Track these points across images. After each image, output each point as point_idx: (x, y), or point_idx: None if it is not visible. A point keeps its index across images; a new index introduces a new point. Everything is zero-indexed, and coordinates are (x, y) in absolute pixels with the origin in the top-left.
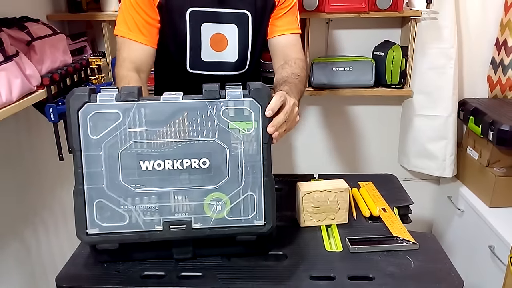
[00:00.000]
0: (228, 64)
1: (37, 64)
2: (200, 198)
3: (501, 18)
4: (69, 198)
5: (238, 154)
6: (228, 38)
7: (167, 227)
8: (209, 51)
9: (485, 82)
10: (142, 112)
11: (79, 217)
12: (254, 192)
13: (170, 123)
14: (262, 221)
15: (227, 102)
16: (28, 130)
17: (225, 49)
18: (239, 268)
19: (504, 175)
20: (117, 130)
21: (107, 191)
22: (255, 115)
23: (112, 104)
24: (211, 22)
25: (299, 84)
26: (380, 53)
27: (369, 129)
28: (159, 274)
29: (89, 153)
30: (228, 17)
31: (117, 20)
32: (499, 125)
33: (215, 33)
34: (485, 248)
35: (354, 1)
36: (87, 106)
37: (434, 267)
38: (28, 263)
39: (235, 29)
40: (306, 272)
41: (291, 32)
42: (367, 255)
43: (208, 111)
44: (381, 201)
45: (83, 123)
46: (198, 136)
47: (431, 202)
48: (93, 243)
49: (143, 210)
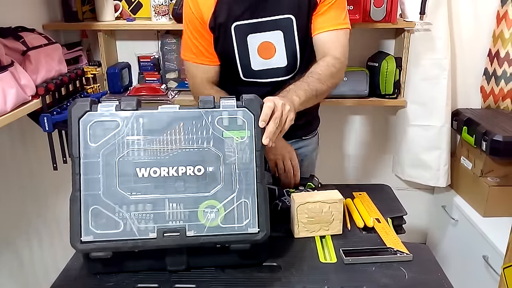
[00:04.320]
0: (279, 69)
1: (32, 74)
2: (194, 205)
3: (494, 30)
4: (63, 208)
5: (232, 162)
6: (275, 44)
7: (161, 235)
8: (258, 60)
9: (478, 93)
10: (140, 122)
11: (74, 224)
12: (247, 199)
13: (167, 132)
14: (256, 228)
15: (222, 111)
16: (22, 140)
17: (274, 55)
18: (233, 279)
19: (498, 185)
20: (116, 138)
21: (103, 198)
22: (248, 124)
23: (112, 114)
24: (256, 33)
25: (314, 82)
26: (374, 63)
27: (363, 139)
28: (153, 286)
29: (88, 160)
30: (272, 25)
31: (182, 45)
32: (492, 135)
33: (262, 42)
34: (479, 258)
35: (348, 12)
36: (88, 115)
37: (427, 278)
38: (22, 273)
39: (281, 35)
40: (300, 284)
41: (332, 29)
42: (361, 266)
43: (203, 121)
44: (375, 211)
45: (83, 131)
46: (194, 144)
47: (426, 211)
48: (86, 251)
49: (137, 218)
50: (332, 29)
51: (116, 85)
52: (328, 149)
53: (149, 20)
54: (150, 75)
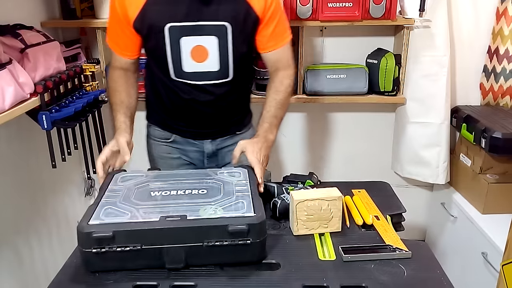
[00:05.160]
0: (211, 73)
1: (31, 72)
2: (196, 207)
3: (493, 27)
4: (62, 206)
5: (230, 188)
6: (208, 49)
7: (163, 218)
8: (190, 63)
9: (478, 90)
10: (160, 175)
11: (85, 215)
12: (244, 200)
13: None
14: (252, 213)
15: (224, 170)
16: (21, 138)
17: (207, 59)
18: (232, 277)
19: (497, 182)
20: (138, 179)
21: (118, 204)
22: (243, 173)
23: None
24: (190, 36)
25: (280, 111)
26: (374, 60)
27: (362, 136)
28: (152, 284)
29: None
30: (208, 29)
31: (107, 28)
32: (492, 132)
33: (196, 45)
34: (478, 255)
35: (348, 10)
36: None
37: (426, 275)
38: (21, 271)
39: (215, 41)
40: (299, 281)
41: (281, 46)
42: (360, 264)
43: (209, 174)
44: (374, 209)
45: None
46: (200, 182)
47: (425, 208)
48: (90, 230)
49: (144, 211)
50: (281, 46)
51: None
52: (327, 147)
53: None
54: None
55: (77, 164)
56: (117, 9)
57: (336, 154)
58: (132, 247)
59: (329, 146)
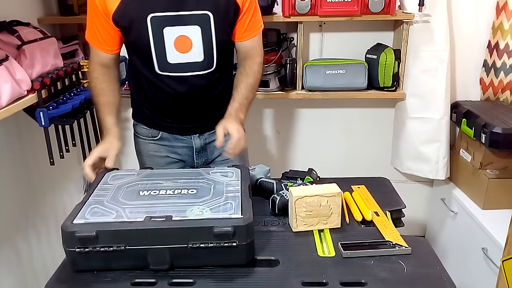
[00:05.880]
0: (195, 64)
1: (28, 68)
2: (183, 207)
3: (493, 21)
4: (61, 203)
5: (221, 188)
6: (192, 39)
7: (148, 219)
8: (175, 54)
9: (478, 85)
10: (151, 174)
11: (71, 214)
12: (233, 201)
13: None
14: (239, 214)
15: (216, 170)
16: (19, 135)
17: (190, 50)
18: (231, 274)
19: (497, 177)
20: (129, 183)
21: (105, 203)
22: (235, 173)
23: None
24: (173, 26)
25: (249, 94)
26: (373, 56)
27: (362, 132)
28: (150, 281)
29: (103, 185)
30: (190, 19)
31: (87, 23)
32: (492, 127)
33: (179, 36)
34: (479, 250)
35: (347, 4)
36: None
37: (426, 271)
38: (20, 269)
39: (198, 30)
40: (298, 278)
41: (256, 34)
42: (360, 260)
43: (201, 174)
44: (374, 205)
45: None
46: (191, 181)
47: (425, 204)
48: (74, 229)
49: (130, 211)
50: (257, 35)
51: None
52: (326, 143)
53: None
54: None
55: (76, 161)
56: (95, 2)
57: (336, 150)
58: (116, 247)
59: (328, 142)
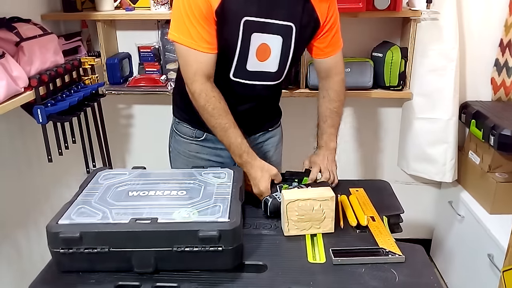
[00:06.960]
0: (268, 74)
1: (26, 65)
2: (171, 209)
3: (506, 19)
4: (62, 200)
5: (211, 190)
6: (271, 48)
7: (133, 221)
8: (254, 61)
9: (489, 84)
10: (142, 174)
11: (58, 213)
12: (222, 204)
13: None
14: (226, 218)
15: (209, 171)
16: (18, 132)
17: (267, 59)
18: (215, 279)
19: (506, 181)
20: (119, 183)
21: (93, 203)
22: (228, 175)
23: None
24: (260, 32)
25: (337, 119)
26: (379, 54)
27: (368, 132)
28: (134, 284)
29: (92, 186)
30: (275, 28)
31: (175, 27)
32: (501, 129)
33: (262, 43)
34: (484, 257)
35: (351, 1)
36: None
37: (418, 281)
38: (20, 265)
39: (280, 40)
40: (285, 284)
41: (336, 52)
42: (350, 268)
43: (193, 175)
44: (371, 209)
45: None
46: (182, 183)
47: (433, 206)
48: (58, 230)
49: (116, 212)
50: (337, 52)
51: (115, 76)
52: None
53: (149, 9)
54: (150, 66)
55: (77, 157)
56: (198, 3)
57: (340, 150)
58: (100, 249)
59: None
